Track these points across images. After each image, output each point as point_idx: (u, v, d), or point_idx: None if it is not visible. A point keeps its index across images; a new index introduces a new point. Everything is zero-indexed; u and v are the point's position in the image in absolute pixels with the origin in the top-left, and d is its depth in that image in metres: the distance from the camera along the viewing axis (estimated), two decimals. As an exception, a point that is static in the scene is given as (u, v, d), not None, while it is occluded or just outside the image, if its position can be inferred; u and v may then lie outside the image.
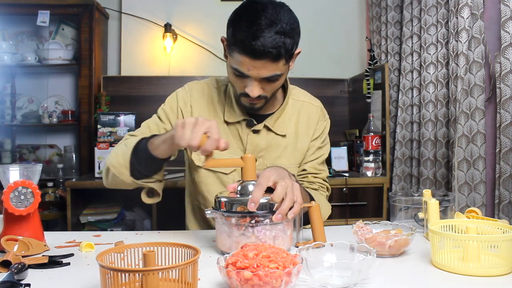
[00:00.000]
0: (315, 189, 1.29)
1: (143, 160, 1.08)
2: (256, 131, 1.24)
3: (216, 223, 0.95)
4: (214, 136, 0.91)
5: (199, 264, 0.68)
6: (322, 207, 1.16)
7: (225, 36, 1.14)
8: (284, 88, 1.30)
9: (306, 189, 1.21)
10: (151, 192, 1.17)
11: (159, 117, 1.29)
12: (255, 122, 1.24)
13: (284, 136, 1.26)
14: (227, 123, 1.25)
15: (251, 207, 0.88)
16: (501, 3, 1.73)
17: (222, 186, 1.24)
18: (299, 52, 1.16)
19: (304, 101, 1.33)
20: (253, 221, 0.89)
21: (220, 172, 1.24)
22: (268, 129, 1.25)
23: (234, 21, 1.08)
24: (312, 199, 1.13)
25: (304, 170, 1.31)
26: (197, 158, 1.26)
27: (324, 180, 1.34)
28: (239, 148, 1.25)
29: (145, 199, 1.17)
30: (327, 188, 1.35)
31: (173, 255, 0.74)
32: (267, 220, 0.90)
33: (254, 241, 0.89)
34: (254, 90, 1.10)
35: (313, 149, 1.31)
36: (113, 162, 1.12)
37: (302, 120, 1.30)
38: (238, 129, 1.25)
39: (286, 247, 0.93)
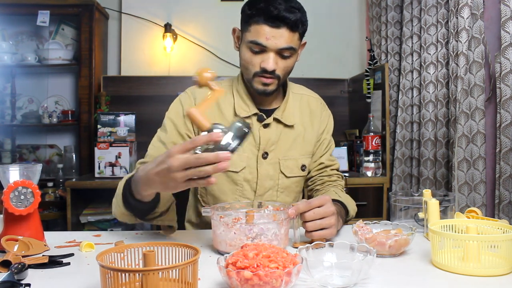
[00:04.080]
0: (334, 181, 1.37)
1: (134, 208, 1.03)
2: (266, 125, 1.27)
3: (212, 222, 0.96)
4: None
5: (199, 264, 0.68)
6: (350, 205, 1.25)
7: (238, 27, 1.23)
8: (283, 84, 1.35)
9: (334, 191, 1.27)
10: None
11: (165, 128, 1.27)
12: (265, 117, 1.27)
13: (292, 127, 1.30)
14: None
15: (291, 213, 0.95)
16: (501, 3, 1.73)
17: (234, 184, 1.26)
18: (305, 44, 1.25)
19: (303, 94, 1.38)
20: (243, 220, 0.92)
21: (230, 171, 1.25)
22: (277, 121, 1.28)
23: (251, 1, 1.16)
24: (346, 209, 1.22)
25: (321, 163, 1.37)
26: None
27: (337, 170, 1.42)
28: (250, 144, 1.26)
29: (165, 232, 1.13)
30: (342, 177, 1.43)
31: (173, 255, 0.74)
32: (261, 219, 0.91)
33: (244, 238, 0.90)
34: (271, 62, 1.14)
35: (326, 142, 1.38)
36: (117, 213, 1.09)
37: (305, 112, 1.35)
38: None
39: (282, 246, 0.93)
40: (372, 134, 2.43)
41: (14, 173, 0.99)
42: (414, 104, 2.40)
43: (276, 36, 1.12)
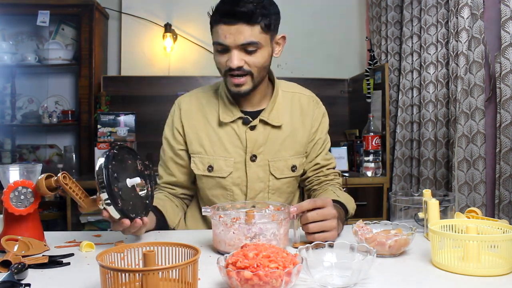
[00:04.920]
0: (331, 180, 1.36)
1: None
2: (253, 128, 1.25)
3: (211, 222, 0.96)
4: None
5: (199, 264, 0.68)
6: (349, 204, 1.23)
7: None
8: (272, 83, 1.32)
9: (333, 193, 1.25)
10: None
11: (163, 148, 1.34)
12: (250, 119, 1.25)
13: (280, 127, 1.27)
14: (222, 124, 1.26)
15: (293, 210, 0.95)
16: (501, 3, 1.73)
17: (223, 189, 1.27)
18: (283, 37, 1.23)
19: (294, 92, 1.34)
20: (242, 220, 0.92)
21: (218, 176, 1.26)
22: (264, 123, 1.26)
23: (216, 4, 1.17)
24: (345, 210, 1.20)
25: (317, 164, 1.35)
26: (195, 167, 1.28)
27: (334, 169, 1.39)
28: (238, 147, 1.25)
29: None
30: (339, 174, 1.40)
31: (173, 255, 0.74)
32: (262, 219, 0.91)
33: (242, 238, 0.90)
34: (234, 59, 1.12)
35: (321, 142, 1.35)
36: None
37: (296, 111, 1.31)
38: (235, 129, 1.26)
39: (281, 246, 0.93)
40: (372, 134, 2.43)
41: (14, 173, 0.99)
42: (414, 104, 2.40)
43: (233, 33, 1.10)
